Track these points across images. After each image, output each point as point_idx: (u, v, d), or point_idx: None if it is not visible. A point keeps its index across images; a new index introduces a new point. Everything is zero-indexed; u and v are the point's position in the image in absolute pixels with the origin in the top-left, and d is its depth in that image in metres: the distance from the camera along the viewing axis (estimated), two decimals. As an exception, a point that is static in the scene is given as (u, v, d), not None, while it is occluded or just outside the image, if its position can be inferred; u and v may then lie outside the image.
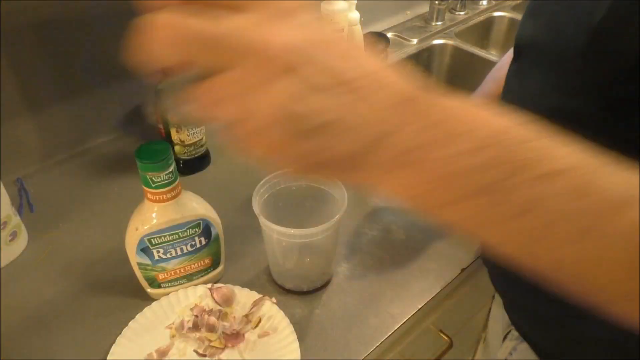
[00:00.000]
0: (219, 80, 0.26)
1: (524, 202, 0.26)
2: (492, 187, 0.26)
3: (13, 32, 0.79)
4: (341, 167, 0.28)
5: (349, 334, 0.66)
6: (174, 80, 0.30)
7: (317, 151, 0.27)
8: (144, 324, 0.65)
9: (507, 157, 0.26)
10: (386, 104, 0.26)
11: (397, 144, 0.27)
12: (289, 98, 0.25)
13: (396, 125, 0.26)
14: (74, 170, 0.91)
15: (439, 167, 0.27)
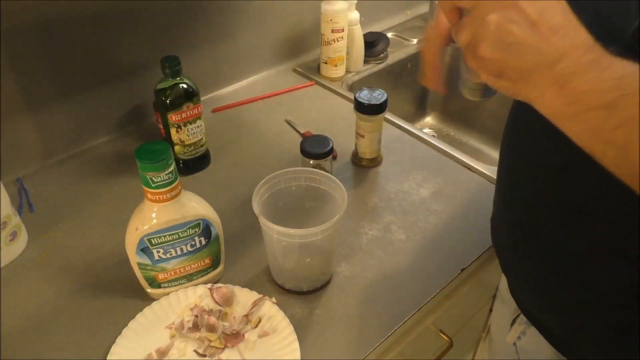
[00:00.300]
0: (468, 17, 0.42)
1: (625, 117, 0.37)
2: (608, 104, 0.38)
3: (13, 32, 0.79)
4: (515, 78, 0.41)
5: (349, 334, 0.66)
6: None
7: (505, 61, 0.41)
8: (144, 324, 0.65)
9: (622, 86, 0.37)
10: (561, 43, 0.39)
11: (559, 69, 0.39)
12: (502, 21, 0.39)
13: (561, 56, 0.39)
14: (74, 170, 0.91)
15: (580, 86, 0.39)
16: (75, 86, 0.90)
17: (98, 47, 0.89)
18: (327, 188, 0.69)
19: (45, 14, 0.81)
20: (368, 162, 0.92)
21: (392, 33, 1.34)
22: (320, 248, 0.68)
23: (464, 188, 0.88)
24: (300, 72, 1.19)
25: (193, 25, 0.99)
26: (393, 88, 1.27)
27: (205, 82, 1.04)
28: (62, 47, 0.85)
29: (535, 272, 0.62)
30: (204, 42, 1.03)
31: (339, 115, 1.05)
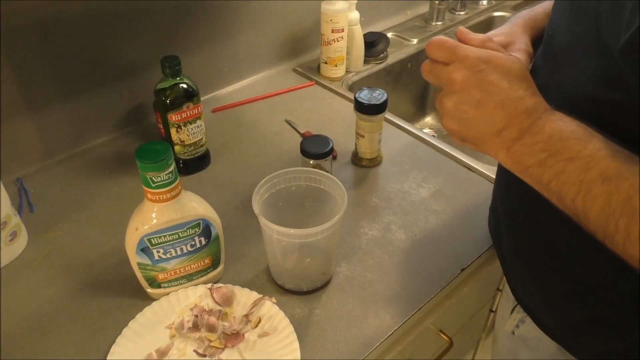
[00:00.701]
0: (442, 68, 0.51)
1: (554, 173, 0.46)
2: (540, 163, 0.47)
3: (13, 32, 0.79)
4: (475, 143, 0.52)
5: (349, 334, 0.66)
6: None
7: (463, 132, 0.52)
8: (144, 324, 0.65)
9: (548, 147, 0.46)
10: (504, 114, 0.49)
11: (504, 136, 0.49)
12: (456, 104, 0.51)
13: (505, 125, 0.49)
14: (74, 170, 0.91)
15: (519, 149, 0.48)
16: (75, 86, 0.90)
17: (98, 47, 0.89)
18: (327, 188, 0.69)
19: (45, 14, 0.81)
20: (368, 162, 0.92)
21: (392, 33, 1.34)
22: (320, 248, 0.68)
23: (464, 188, 0.88)
24: (300, 72, 1.19)
25: (193, 25, 0.99)
26: (393, 88, 1.27)
27: (205, 82, 1.04)
28: (62, 47, 0.85)
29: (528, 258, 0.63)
30: (204, 42, 1.03)
31: (339, 115, 1.05)
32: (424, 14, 1.41)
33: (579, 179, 0.44)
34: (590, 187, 0.43)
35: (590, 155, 0.44)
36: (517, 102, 0.48)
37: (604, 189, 0.42)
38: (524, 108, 0.48)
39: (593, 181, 0.43)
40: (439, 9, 1.36)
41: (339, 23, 1.08)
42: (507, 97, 0.48)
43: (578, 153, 0.44)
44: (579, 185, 0.44)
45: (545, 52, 0.58)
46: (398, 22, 1.39)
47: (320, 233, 0.63)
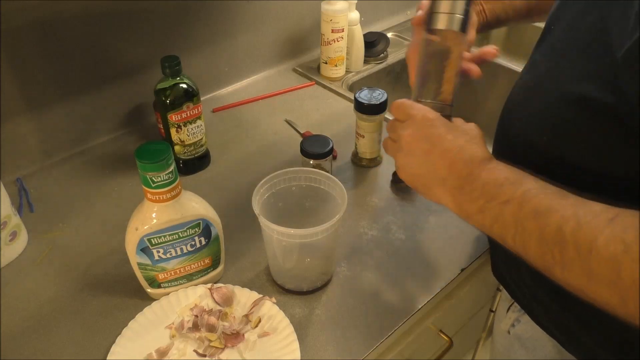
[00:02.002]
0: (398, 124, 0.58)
1: (493, 217, 0.50)
2: (480, 210, 0.51)
3: (13, 32, 0.79)
4: (424, 192, 0.57)
5: (349, 334, 0.66)
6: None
7: (413, 181, 0.58)
8: (144, 324, 0.65)
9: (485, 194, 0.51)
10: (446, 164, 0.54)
11: (449, 185, 0.54)
12: (403, 160, 0.58)
13: (448, 174, 0.53)
14: (74, 170, 0.91)
15: (461, 196, 0.53)
16: (75, 86, 0.90)
17: (98, 47, 0.89)
18: (327, 188, 0.69)
19: (45, 14, 0.81)
20: (368, 162, 0.92)
21: (392, 33, 1.34)
22: (320, 248, 0.68)
23: (464, 188, 0.88)
24: (300, 72, 1.19)
25: (193, 26, 0.99)
26: (393, 88, 1.27)
27: (205, 82, 1.04)
28: (62, 47, 0.85)
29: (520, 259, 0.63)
30: (204, 42, 1.03)
31: (339, 115, 1.05)
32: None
33: (514, 218, 0.47)
34: (524, 224, 0.47)
35: (522, 196, 0.47)
36: (458, 152, 0.53)
37: (536, 223, 0.46)
38: (463, 157, 0.53)
39: (526, 218, 0.46)
40: (439, 9, 1.36)
41: (339, 23, 1.08)
42: (449, 147, 0.53)
43: (512, 195, 0.48)
44: (515, 224, 0.47)
45: (544, 47, 0.58)
46: (398, 22, 1.39)
47: (320, 233, 0.63)
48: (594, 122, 0.48)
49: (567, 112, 0.50)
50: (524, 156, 0.57)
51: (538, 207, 0.46)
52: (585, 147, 0.50)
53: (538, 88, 0.56)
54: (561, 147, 0.52)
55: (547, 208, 0.45)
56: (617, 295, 0.40)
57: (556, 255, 0.44)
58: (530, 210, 0.46)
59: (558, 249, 0.44)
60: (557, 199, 0.46)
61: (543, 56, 0.58)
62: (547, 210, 0.45)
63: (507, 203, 0.48)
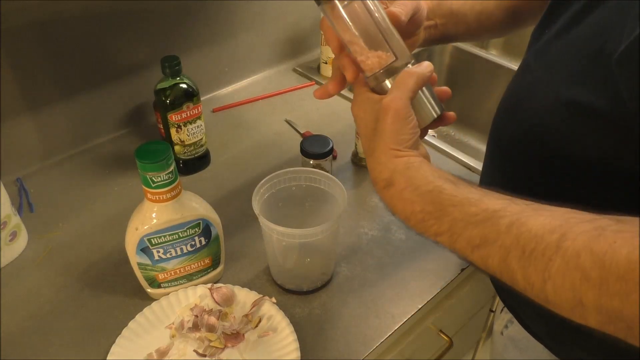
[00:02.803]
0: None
1: (433, 240, 0.46)
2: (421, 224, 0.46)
3: (13, 32, 0.79)
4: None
5: (349, 334, 0.66)
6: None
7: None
8: (144, 324, 0.65)
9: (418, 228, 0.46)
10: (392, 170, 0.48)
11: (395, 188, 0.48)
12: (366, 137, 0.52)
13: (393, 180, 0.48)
14: (74, 170, 0.91)
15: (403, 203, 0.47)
16: (75, 86, 0.90)
17: (98, 47, 0.89)
18: (327, 188, 0.69)
19: (45, 14, 0.81)
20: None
21: (392, 33, 1.34)
22: (320, 248, 0.68)
23: (464, 188, 0.88)
24: (300, 72, 1.19)
25: (193, 26, 0.99)
26: (393, 88, 1.26)
27: (205, 82, 1.04)
28: (62, 47, 0.85)
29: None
30: (204, 42, 1.03)
31: (339, 115, 1.05)
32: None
33: (453, 248, 0.44)
34: (465, 254, 0.43)
35: (450, 229, 0.44)
36: (371, 170, 0.49)
37: (477, 256, 0.42)
38: (373, 179, 0.49)
39: (464, 249, 0.43)
40: (439, 9, 1.36)
41: (339, 23, 1.08)
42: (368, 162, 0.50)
43: (438, 230, 0.45)
44: (457, 252, 0.44)
45: (537, 50, 0.58)
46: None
47: (320, 233, 0.63)
48: (587, 126, 0.47)
49: (560, 116, 0.49)
50: (519, 160, 0.57)
51: (471, 240, 0.42)
52: (579, 151, 0.49)
53: (531, 91, 0.55)
54: (555, 151, 0.51)
55: (482, 240, 0.42)
56: (580, 316, 0.38)
57: (507, 281, 0.41)
58: (466, 244, 0.43)
59: (507, 278, 0.41)
60: (489, 226, 0.41)
61: (535, 59, 0.57)
62: (483, 243, 0.42)
63: (437, 236, 0.45)
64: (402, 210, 0.47)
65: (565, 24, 0.53)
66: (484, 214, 0.42)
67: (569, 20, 0.52)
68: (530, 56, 0.58)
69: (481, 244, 0.42)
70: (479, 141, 1.34)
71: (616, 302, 0.35)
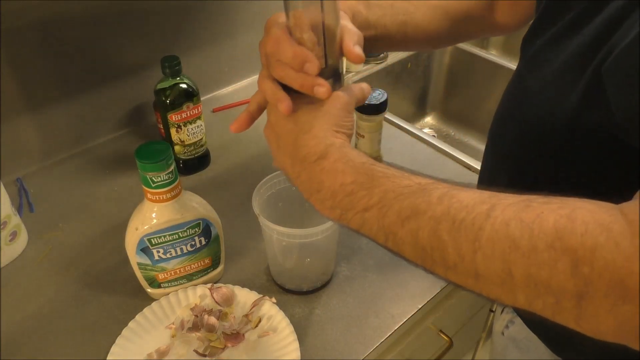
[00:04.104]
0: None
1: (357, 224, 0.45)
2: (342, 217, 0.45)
3: (13, 32, 0.79)
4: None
5: (349, 334, 0.66)
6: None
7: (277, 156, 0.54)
8: (144, 324, 0.65)
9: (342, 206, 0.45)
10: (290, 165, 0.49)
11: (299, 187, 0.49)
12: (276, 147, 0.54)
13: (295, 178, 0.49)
14: (74, 170, 0.91)
15: (316, 206, 0.47)
16: (75, 86, 0.90)
17: (98, 47, 0.89)
18: (327, 188, 0.69)
19: (45, 14, 0.81)
20: (368, 162, 0.92)
21: None
22: (320, 248, 0.68)
23: (464, 188, 0.88)
24: (300, 72, 1.19)
25: (193, 25, 0.99)
26: (393, 88, 1.27)
27: (205, 82, 1.04)
28: (62, 47, 0.85)
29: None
30: (204, 42, 1.03)
31: (339, 115, 1.05)
32: (424, 14, 1.41)
33: (380, 226, 0.43)
34: (393, 230, 0.42)
35: (380, 201, 0.43)
36: (293, 147, 0.49)
37: (406, 230, 0.41)
38: (299, 156, 0.48)
39: (393, 224, 0.42)
40: (439, 9, 1.35)
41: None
42: (287, 141, 0.50)
43: (367, 203, 0.43)
44: (383, 231, 0.43)
45: (532, 61, 0.57)
46: (398, 22, 1.39)
47: (320, 233, 0.63)
48: (582, 139, 0.47)
49: (555, 129, 0.49)
50: (515, 170, 0.57)
51: (402, 212, 0.42)
52: (575, 162, 0.49)
53: (525, 105, 0.55)
54: (551, 162, 0.51)
55: (413, 211, 0.41)
56: (509, 291, 0.38)
57: (437, 259, 0.41)
58: (396, 217, 0.42)
59: (438, 253, 0.40)
60: (420, 197, 0.41)
61: (528, 70, 0.57)
62: (414, 214, 0.41)
63: (365, 211, 0.44)
64: (331, 183, 0.45)
65: (558, 33, 0.53)
66: (416, 186, 0.42)
67: (562, 29, 0.52)
68: (523, 66, 0.58)
69: (412, 215, 0.41)
70: (479, 141, 1.34)
71: (545, 271, 0.35)
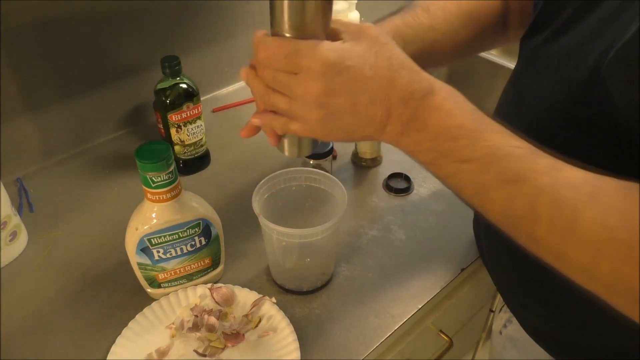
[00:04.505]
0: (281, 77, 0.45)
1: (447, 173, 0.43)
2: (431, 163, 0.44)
3: (13, 32, 0.79)
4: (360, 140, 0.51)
5: (349, 334, 0.66)
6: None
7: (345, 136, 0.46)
8: (144, 324, 0.65)
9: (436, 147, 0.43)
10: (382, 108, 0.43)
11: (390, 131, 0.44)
12: (324, 115, 0.44)
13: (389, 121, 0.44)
14: (74, 170, 0.91)
15: (408, 147, 0.45)
16: (75, 86, 0.90)
17: (98, 47, 0.89)
18: (327, 188, 0.69)
19: (45, 14, 0.81)
20: (368, 162, 0.92)
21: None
22: (320, 248, 0.68)
23: (464, 188, 0.88)
24: (300, 72, 1.19)
25: (193, 25, 0.99)
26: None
27: (205, 82, 1.04)
28: (62, 47, 0.85)
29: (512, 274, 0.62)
30: (204, 42, 1.03)
31: (339, 115, 1.05)
32: (424, 14, 1.41)
33: (474, 181, 0.41)
34: (487, 189, 0.40)
35: (484, 157, 0.40)
36: (389, 90, 0.42)
37: (503, 193, 0.39)
38: (399, 97, 0.42)
39: (490, 184, 0.40)
40: (439, 9, 1.36)
41: (339, 23, 1.08)
42: (376, 88, 0.42)
43: (470, 154, 0.41)
44: (475, 187, 0.41)
45: (529, 59, 0.57)
46: (398, 22, 1.39)
47: (320, 233, 0.63)
48: (580, 136, 0.47)
49: (552, 127, 0.49)
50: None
51: (505, 174, 0.39)
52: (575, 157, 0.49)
53: (522, 103, 0.55)
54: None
55: (517, 175, 0.39)
56: (587, 277, 0.37)
57: (524, 228, 0.39)
58: (495, 176, 0.39)
59: (528, 224, 0.39)
60: (528, 163, 0.39)
61: (525, 68, 0.57)
62: (517, 179, 0.39)
63: (464, 162, 0.41)
64: (436, 122, 0.41)
65: (554, 31, 0.53)
66: (526, 149, 0.40)
67: (558, 28, 0.52)
68: (520, 64, 0.58)
69: (514, 180, 0.39)
70: (479, 141, 1.34)
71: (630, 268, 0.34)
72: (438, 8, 0.63)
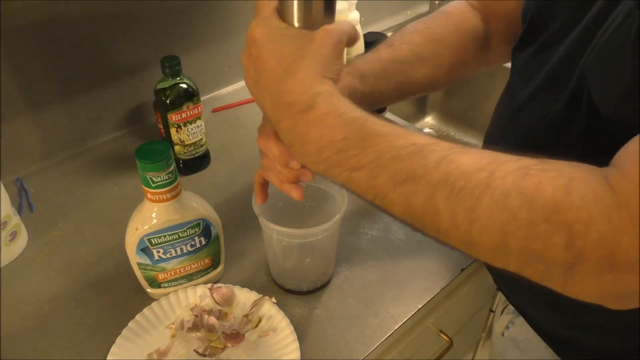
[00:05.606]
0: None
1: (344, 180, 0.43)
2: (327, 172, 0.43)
3: (13, 32, 0.79)
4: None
5: (349, 334, 0.66)
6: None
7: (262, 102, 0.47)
8: (144, 324, 0.65)
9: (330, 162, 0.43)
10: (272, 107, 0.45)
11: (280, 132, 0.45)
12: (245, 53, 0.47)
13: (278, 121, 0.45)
14: (74, 170, 0.91)
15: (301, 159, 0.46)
16: (75, 86, 0.90)
17: (98, 47, 0.89)
18: (327, 188, 0.69)
19: (45, 14, 0.81)
20: (368, 162, 0.92)
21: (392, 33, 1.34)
22: (320, 248, 0.68)
23: (464, 188, 0.88)
24: (300, 72, 1.19)
25: (193, 25, 0.99)
26: (393, 88, 1.26)
27: (205, 82, 1.04)
28: (62, 47, 0.85)
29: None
30: (204, 42, 1.03)
31: (339, 115, 1.05)
32: (424, 13, 1.41)
33: (370, 185, 0.41)
34: (384, 192, 0.40)
35: (372, 163, 0.40)
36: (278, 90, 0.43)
37: (398, 193, 0.40)
38: (284, 101, 0.43)
39: (385, 186, 0.40)
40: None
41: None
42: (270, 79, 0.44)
43: (359, 163, 0.41)
44: (372, 191, 0.41)
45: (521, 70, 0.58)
46: (398, 22, 1.39)
47: (320, 233, 0.63)
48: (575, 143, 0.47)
49: (547, 135, 0.49)
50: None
51: (397, 175, 0.39)
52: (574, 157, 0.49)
53: (515, 111, 0.55)
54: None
55: (409, 175, 0.39)
56: (501, 258, 0.37)
57: (429, 225, 0.39)
58: (389, 179, 0.39)
59: (432, 219, 0.39)
60: (418, 160, 0.39)
61: (518, 78, 0.57)
62: (409, 178, 0.39)
63: (356, 170, 0.41)
64: (318, 138, 0.42)
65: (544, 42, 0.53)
66: (412, 147, 0.40)
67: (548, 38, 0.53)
68: (514, 75, 0.59)
69: (407, 180, 0.39)
70: (479, 141, 1.34)
71: (539, 243, 0.35)
72: (402, 42, 0.66)
